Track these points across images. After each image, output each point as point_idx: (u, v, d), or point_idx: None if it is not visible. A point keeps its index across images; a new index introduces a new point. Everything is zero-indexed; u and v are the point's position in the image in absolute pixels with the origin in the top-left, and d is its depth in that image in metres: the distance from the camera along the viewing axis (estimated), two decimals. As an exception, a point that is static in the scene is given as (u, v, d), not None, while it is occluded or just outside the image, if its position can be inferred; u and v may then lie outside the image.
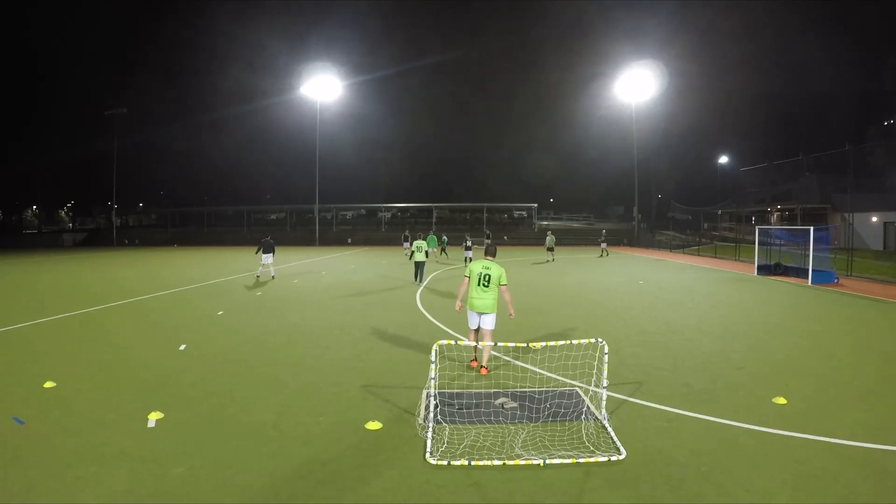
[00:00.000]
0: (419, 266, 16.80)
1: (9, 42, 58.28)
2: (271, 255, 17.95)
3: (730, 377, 6.48)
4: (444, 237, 30.05)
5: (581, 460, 4.16)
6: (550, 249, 27.41)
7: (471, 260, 21.68)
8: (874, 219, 31.82)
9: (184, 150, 69.22)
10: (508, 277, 6.78)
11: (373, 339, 8.70)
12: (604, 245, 32.91)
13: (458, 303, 6.86)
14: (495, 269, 6.61)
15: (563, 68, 71.94)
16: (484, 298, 6.54)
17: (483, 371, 6.60)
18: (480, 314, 6.56)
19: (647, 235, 44.19)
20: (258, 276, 18.32)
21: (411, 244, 33.67)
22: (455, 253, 30.83)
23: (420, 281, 16.48)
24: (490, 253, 6.91)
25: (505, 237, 50.75)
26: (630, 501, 3.63)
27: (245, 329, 9.48)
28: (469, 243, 22.74)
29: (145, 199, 74.72)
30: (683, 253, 35.03)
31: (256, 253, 18.09)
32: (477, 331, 6.71)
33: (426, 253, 17.08)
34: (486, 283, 6.55)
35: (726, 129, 59.19)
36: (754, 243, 21.02)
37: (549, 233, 28.65)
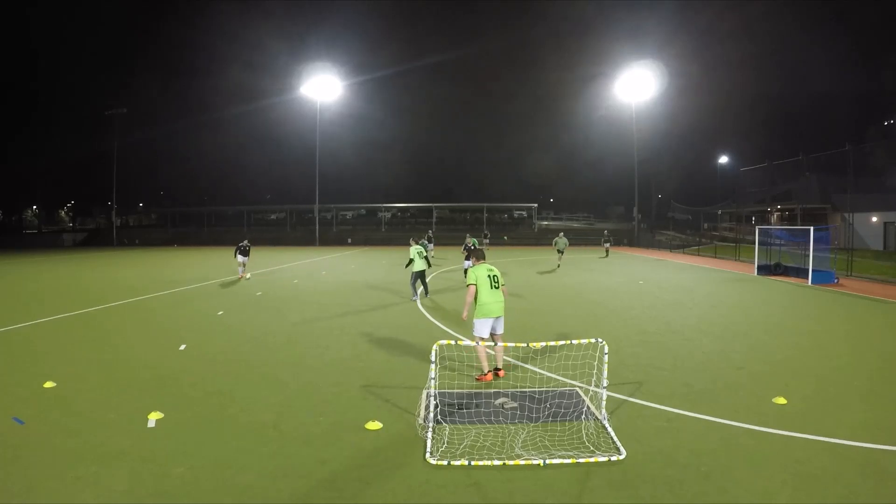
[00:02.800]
0: (419, 277, 13.25)
1: (9, 42, 58.31)
2: (245, 256, 18.28)
3: (730, 377, 6.48)
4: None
5: (581, 460, 4.16)
6: (560, 252, 23.85)
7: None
8: (874, 219, 31.81)
9: (184, 150, 69.38)
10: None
11: (373, 339, 8.70)
12: (607, 245, 32.24)
13: (466, 312, 6.40)
14: (496, 269, 6.47)
15: (563, 68, 72.12)
16: (500, 301, 6.26)
17: (501, 373, 6.39)
18: (497, 318, 6.27)
19: (647, 235, 44.19)
20: (247, 277, 18.35)
21: (433, 246, 31.31)
22: (446, 254, 30.69)
23: (425, 293, 13.55)
24: (482, 257, 6.70)
25: (505, 237, 50.77)
26: (630, 501, 3.63)
27: (245, 329, 9.48)
28: (471, 245, 18.22)
29: (145, 199, 74.82)
30: (683, 253, 35.03)
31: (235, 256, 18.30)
32: (489, 337, 6.37)
33: (427, 260, 13.60)
34: (496, 285, 6.27)
35: (726, 129, 59.30)
36: (754, 243, 21.02)
37: (562, 234, 24.86)
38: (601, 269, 22.98)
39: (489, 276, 6.29)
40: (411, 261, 13.21)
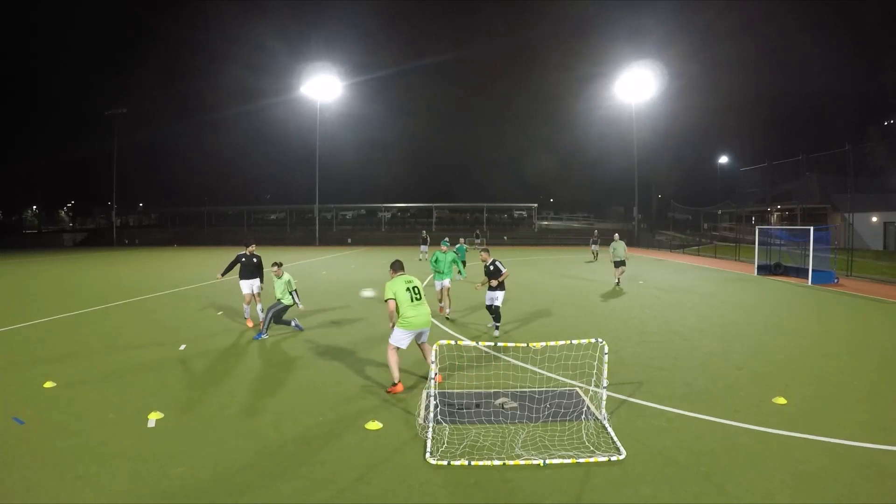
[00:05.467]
0: (281, 313, 8.77)
1: (9, 42, 58.33)
2: (253, 279, 9.65)
3: (730, 377, 6.48)
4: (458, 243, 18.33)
5: (581, 460, 4.16)
6: (621, 264, 15.87)
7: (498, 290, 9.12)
8: (874, 219, 31.83)
9: (184, 150, 69.44)
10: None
11: (373, 338, 8.69)
12: (595, 248, 28.22)
13: (392, 324, 6.07)
14: (416, 279, 6.17)
15: (563, 68, 72.08)
16: (423, 313, 5.96)
17: (439, 378, 6.10)
18: (422, 330, 6.02)
19: (647, 235, 44.17)
20: (249, 322, 9.80)
21: (429, 246, 26.64)
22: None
23: (264, 328, 8.70)
24: (399, 268, 6.33)
25: (505, 237, 50.80)
26: (630, 501, 3.63)
27: (245, 328, 9.48)
28: (494, 264, 8.97)
29: (145, 199, 74.84)
30: (683, 253, 35.03)
31: (223, 275, 9.99)
32: (406, 348, 6.08)
33: (462, 266, 10.35)
34: (418, 296, 5.98)
35: (726, 129, 59.19)
36: (754, 243, 21.02)
37: (617, 236, 16.90)
38: (600, 269, 22.96)
39: (408, 289, 5.96)
40: (295, 291, 8.82)
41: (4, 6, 56.62)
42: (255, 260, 9.77)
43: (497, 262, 8.79)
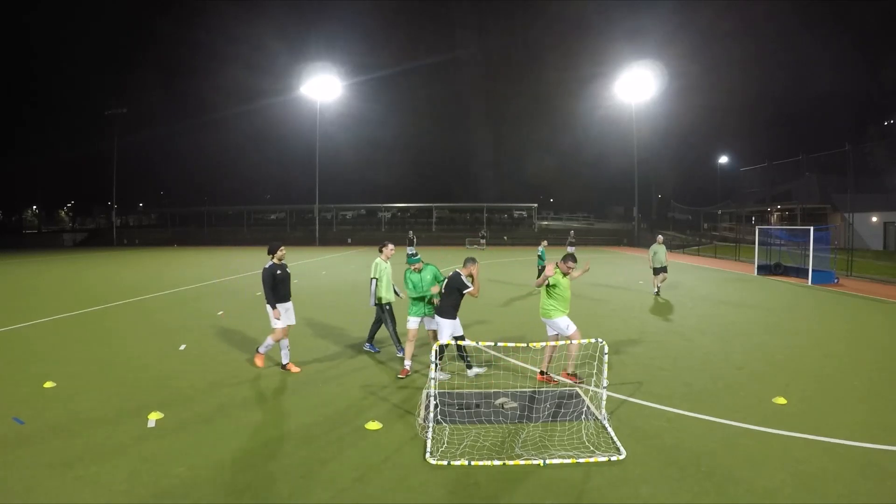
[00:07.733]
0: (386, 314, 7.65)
1: (9, 42, 58.30)
2: (286, 302, 6.95)
3: (730, 377, 6.48)
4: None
5: (581, 460, 4.16)
6: (662, 270, 13.84)
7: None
8: (874, 219, 31.83)
9: (184, 150, 69.32)
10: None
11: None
12: (571, 250, 23.17)
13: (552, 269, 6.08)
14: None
15: (563, 68, 71.91)
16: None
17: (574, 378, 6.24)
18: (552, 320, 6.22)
19: (647, 235, 44.17)
20: (260, 354, 7.06)
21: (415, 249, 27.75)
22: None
23: (395, 344, 7.72)
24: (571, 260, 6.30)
25: (505, 237, 50.80)
26: (630, 501, 3.63)
27: (245, 329, 9.47)
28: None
29: (145, 199, 74.81)
30: (683, 253, 35.01)
31: (270, 305, 6.71)
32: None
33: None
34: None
35: (726, 129, 59.17)
36: (754, 243, 21.03)
37: (660, 238, 14.50)
38: (600, 269, 22.95)
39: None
40: (376, 282, 7.49)
41: (4, 6, 56.60)
42: (288, 271, 7.03)
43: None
